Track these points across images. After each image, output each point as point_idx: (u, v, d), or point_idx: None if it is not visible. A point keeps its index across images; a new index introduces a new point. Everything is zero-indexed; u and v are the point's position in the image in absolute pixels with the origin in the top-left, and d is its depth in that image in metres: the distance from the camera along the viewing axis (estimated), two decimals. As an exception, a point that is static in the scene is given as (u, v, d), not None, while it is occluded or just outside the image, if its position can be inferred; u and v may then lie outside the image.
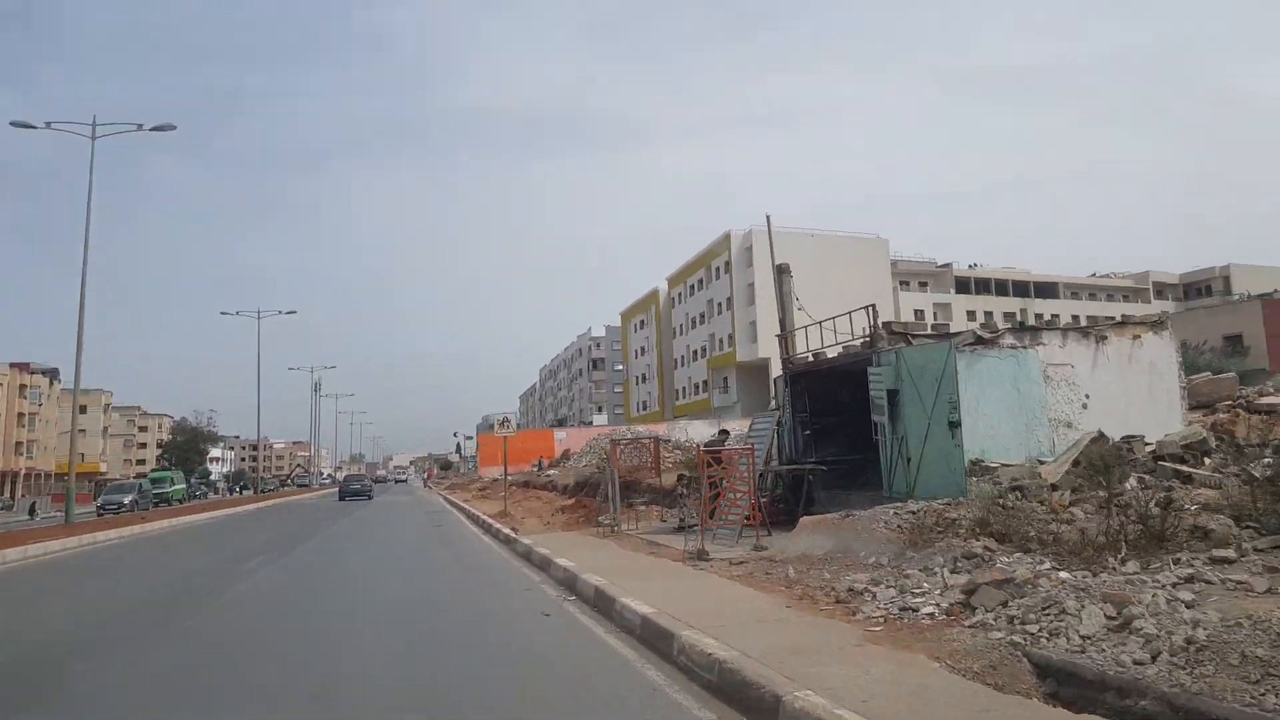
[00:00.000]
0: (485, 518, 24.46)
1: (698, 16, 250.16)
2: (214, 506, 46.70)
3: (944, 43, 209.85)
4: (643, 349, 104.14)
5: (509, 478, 62.23)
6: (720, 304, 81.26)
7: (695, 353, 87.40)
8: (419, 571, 13.87)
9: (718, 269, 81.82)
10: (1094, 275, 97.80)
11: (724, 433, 18.38)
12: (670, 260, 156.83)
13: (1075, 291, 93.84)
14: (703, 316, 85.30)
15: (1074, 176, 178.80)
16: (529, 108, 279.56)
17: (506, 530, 19.10)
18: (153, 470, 77.89)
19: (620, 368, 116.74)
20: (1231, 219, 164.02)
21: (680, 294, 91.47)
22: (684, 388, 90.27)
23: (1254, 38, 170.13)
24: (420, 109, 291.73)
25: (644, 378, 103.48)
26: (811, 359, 16.95)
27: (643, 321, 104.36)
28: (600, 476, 34.02)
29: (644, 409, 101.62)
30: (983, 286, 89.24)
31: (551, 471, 49.86)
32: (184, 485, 67.14)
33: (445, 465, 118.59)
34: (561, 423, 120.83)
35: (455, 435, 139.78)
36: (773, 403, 20.31)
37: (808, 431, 17.08)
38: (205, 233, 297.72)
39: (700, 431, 68.51)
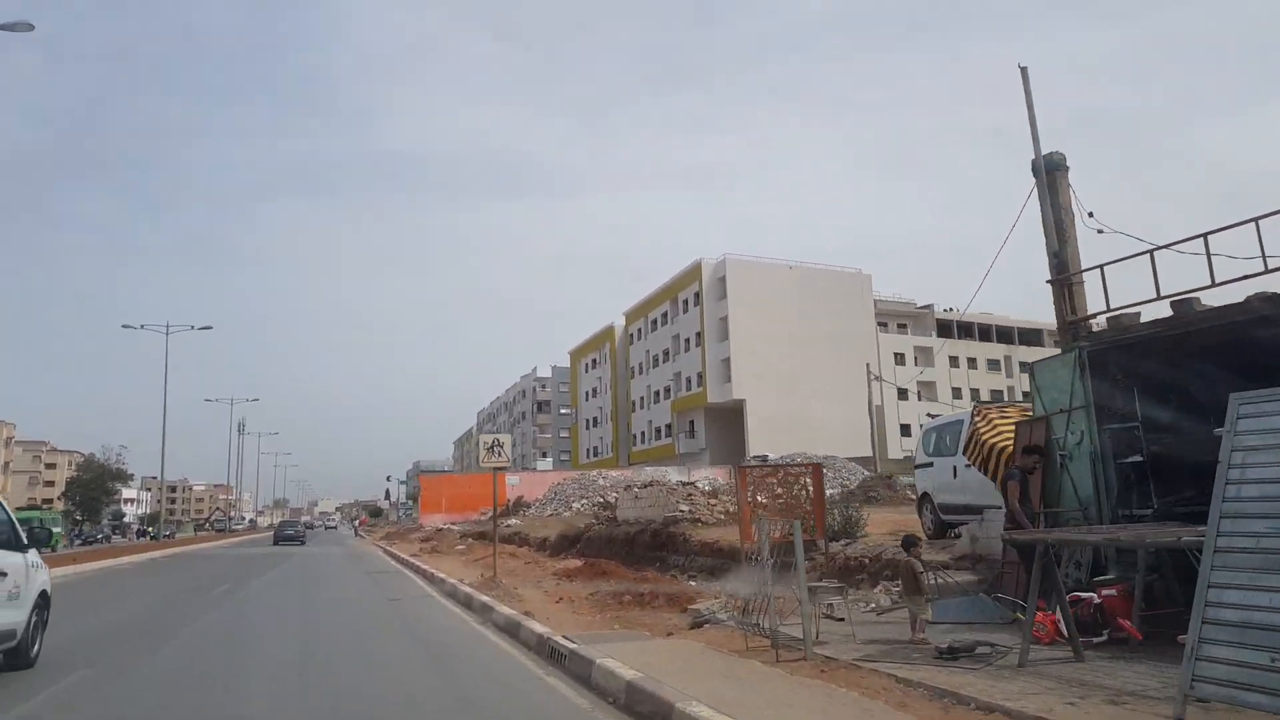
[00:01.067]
0: (468, 590, 15.71)
1: (626, 71, 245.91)
2: (92, 556, 36.64)
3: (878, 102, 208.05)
4: (594, 390, 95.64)
5: (454, 527, 52.78)
6: (688, 340, 73.38)
7: (657, 394, 79.21)
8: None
9: (685, 302, 74.06)
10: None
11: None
12: (619, 302, 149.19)
13: (1058, 341, 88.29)
14: (666, 354, 77.29)
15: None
16: (459, 154, 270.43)
17: (538, 628, 10.45)
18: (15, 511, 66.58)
19: (567, 410, 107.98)
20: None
21: (640, 330, 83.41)
22: (643, 432, 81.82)
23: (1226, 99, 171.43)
24: (349, 150, 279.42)
25: (595, 421, 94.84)
26: (1167, 316, 8.74)
27: (595, 361, 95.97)
28: (604, 531, 25.57)
29: (594, 455, 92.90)
30: (965, 331, 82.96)
31: (512, 521, 40.94)
32: (56, 529, 56.32)
33: (375, 512, 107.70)
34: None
35: (388, 480, 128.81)
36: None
37: (1138, 458, 8.94)
38: (116, 268, 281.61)
39: (672, 477, 60.25)
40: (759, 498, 10.73)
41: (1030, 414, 10.73)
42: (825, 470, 33.33)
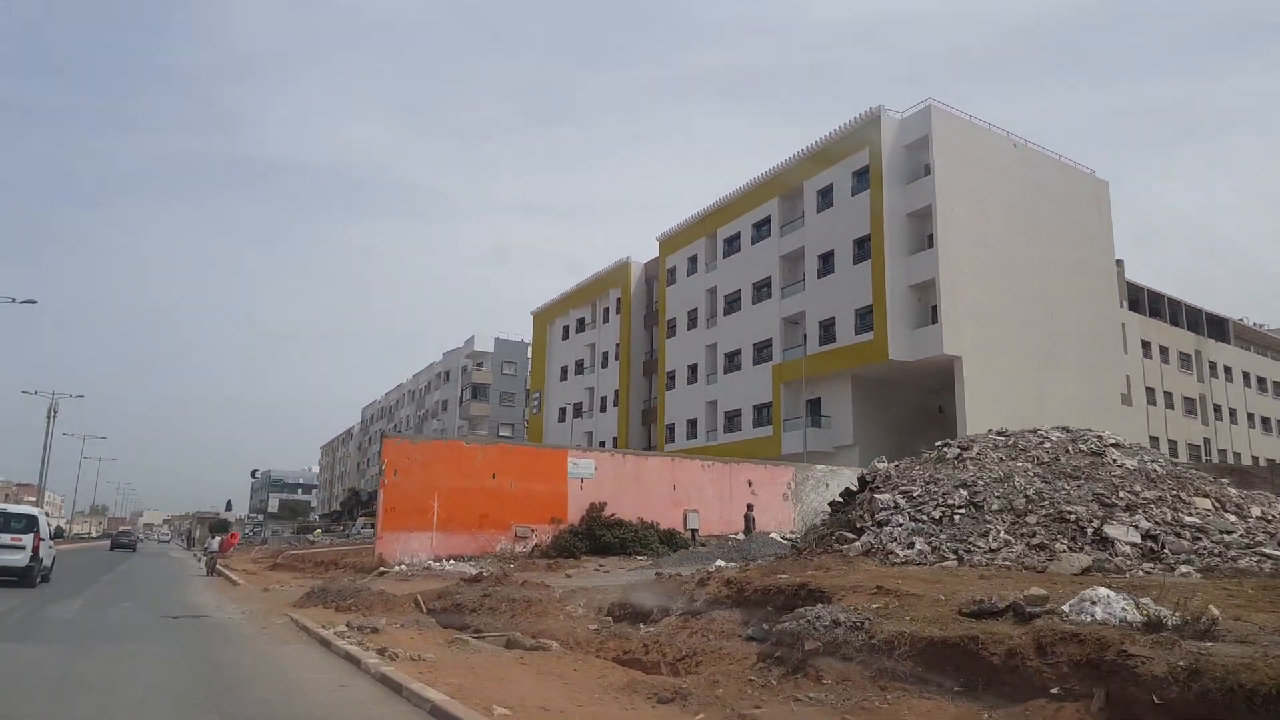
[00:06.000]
0: None
1: (505, 105, 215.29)
2: None
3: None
4: (580, 364, 60.86)
5: (468, 566, 17.42)
6: (829, 255, 40.28)
7: (730, 357, 45.63)
8: None
9: (828, 190, 41.01)
10: (1257, 323, 65.37)
11: None
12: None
13: (1239, 337, 60.28)
14: (763, 287, 43.90)
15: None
16: (334, 167, 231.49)
17: None
18: None
19: (528, 395, 72.83)
20: None
21: (696, 258, 49.62)
22: (694, 419, 47.72)
23: None
24: (219, 153, 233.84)
25: (577, 410, 59.80)
26: None
27: (583, 321, 61.35)
28: None
29: (573, 460, 57.85)
30: (1155, 308, 53.51)
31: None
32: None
33: (220, 526, 68.65)
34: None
35: (254, 475, 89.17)
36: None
37: None
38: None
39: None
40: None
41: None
42: None
